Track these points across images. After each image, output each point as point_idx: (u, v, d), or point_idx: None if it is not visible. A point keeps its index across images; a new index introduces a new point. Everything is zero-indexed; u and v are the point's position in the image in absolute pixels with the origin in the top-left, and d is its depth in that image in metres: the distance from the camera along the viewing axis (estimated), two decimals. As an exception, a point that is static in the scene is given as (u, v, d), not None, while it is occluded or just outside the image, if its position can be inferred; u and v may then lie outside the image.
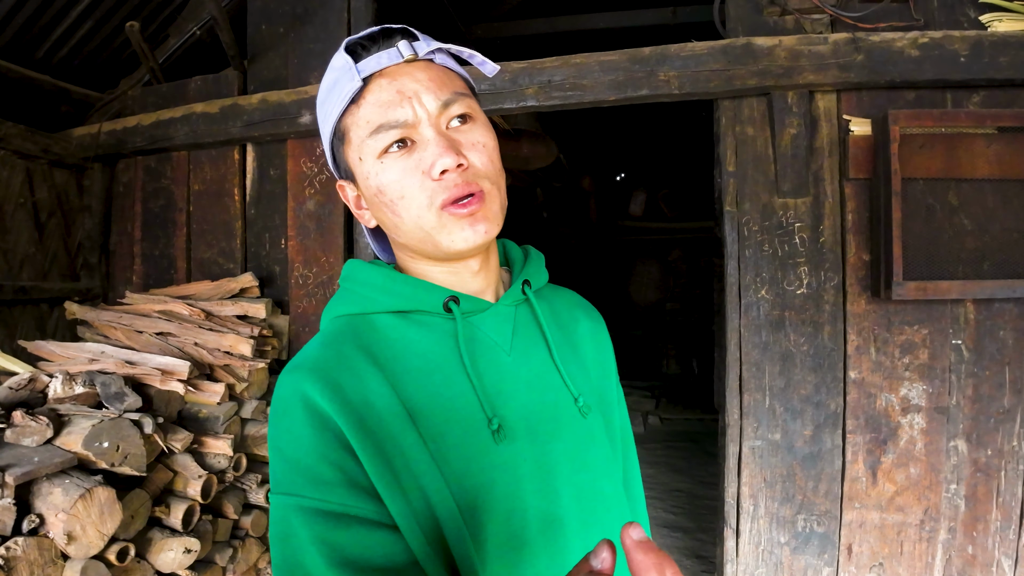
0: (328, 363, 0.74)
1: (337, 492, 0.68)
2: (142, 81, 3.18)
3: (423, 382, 0.76)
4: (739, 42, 2.44)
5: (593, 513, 0.83)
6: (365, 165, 0.77)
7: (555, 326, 0.91)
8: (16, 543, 1.88)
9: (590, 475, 0.84)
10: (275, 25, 2.98)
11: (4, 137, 2.59)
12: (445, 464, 0.73)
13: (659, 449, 5.90)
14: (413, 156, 0.74)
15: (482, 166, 0.76)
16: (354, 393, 0.72)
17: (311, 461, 0.69)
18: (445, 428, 0.75)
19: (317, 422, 0.70)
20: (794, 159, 2.48)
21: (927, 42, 2.32)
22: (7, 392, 2.32)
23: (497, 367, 0.81)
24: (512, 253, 0.97)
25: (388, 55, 0.76)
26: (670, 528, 4.10)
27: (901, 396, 2.46)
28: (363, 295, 0.83)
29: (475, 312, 0.83)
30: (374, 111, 0.75)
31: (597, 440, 0.87)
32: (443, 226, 0.75)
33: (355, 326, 0.81)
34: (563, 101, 2.58)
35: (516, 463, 0.77)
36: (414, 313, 0.81)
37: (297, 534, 0.68)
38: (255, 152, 3.00)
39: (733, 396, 2.59)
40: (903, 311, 2.46)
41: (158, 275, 3.13)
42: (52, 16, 2.68)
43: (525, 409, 0.80)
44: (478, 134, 0.77)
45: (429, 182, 0.74)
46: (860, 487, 2.49)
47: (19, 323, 2.82)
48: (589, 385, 0.90)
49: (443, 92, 0.75)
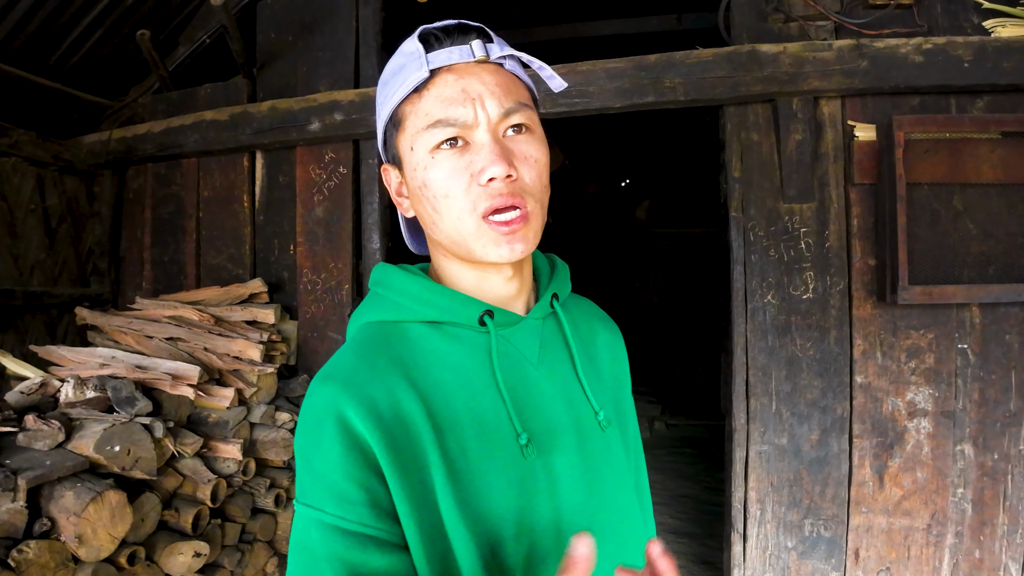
0: (362, 375, 0.74)
1: (358, 512, 0.69)
2: (152, 88, 3.21)
3: (454, 395, 0.77)
4: (744, 49, 2.46)
5: (610, 525, 0.83)
6: (416, 156, 0.77)
7: (578, 339, 0.91)
8: (28, 546, 1.90)
9: (608, 488, 0.84)
10: (284, 33, 3.01)
11: (15, 144, 2.62)
12: (469, 481, 0.73)
13: (665, 455, 5.89)
14: (465, 157, 0.74)
15: (530, 181, 0.76)
16: (387, 409, 0.72)
17: (337, 478, 0.70)
18: (473, 443, 0.75)
19: (348, 440, 0.70)
20: (799, 165, 2.50)
21: (931, 48, 2.34)
22: (19, 397, 2.34)
23: (525, 381, 0.81)
24: (537, 261, 0.96)
25: (460, 52, 0.75)
26: (677, 534, 4.09)
27: (907, 400, 2.47)
28: (397, 303, 0.83)
29: (507, 325, 0.83)
30: (435, 105, 0.74)
31: (615, 453, 0.88)
32: (481, 235, 0.75)
33: (387, 334, 0.81)
34: (569, 108, 2.61)
35: (542, 477, 0.77)
36: (447, 324, 0.81)
37: (314, 548, 0.70)
38: (264, 159, 3.03)
39: (739, 401, 2.60)
40: (909, 315, 2.46)
41: (168, 281, 3.15)
42: (63, 23, 2.71)
43: (551, 423, 0.81)
44: (533, 148, 0.77)
45: (476, 187, 0.73)
46: (867, 491, 2.49)
47: (30, 328, 2.84)
48: (607, 398, 0.91)
49: (507, 99, 0.75)
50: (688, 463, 5.55)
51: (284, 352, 2.88)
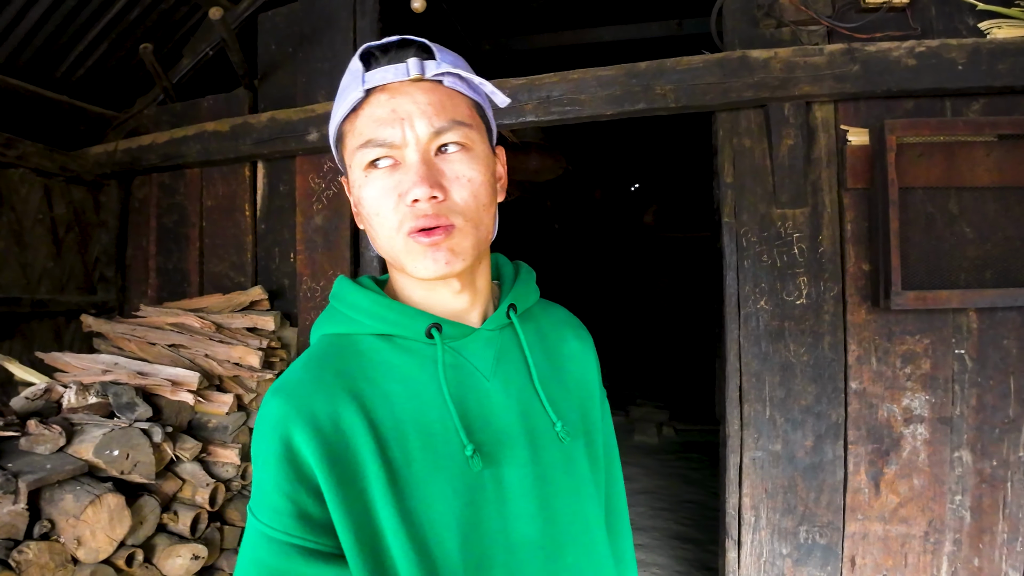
0: (306, 388, 0.77)
1: (284, 521, 0.72)
2: (157, 100, 3.29)
3: (402, 407, 0.78)
4: (735, 55, 2.46)
5: (570, 535, 0.84)
6: (353, 174, 0.79)
7: (540, 349, 0.92)
8: (28, 547, 1.95)
9: (568, 499, 0.85)
10: (284, 45, 3.07)
11: (22, 155, 2.70)
12: (413, 491, 0.75)
13: (673, 460, 5.86)
14: (394, 177, 0.75)
15: (461, 200, 0.76)
16: (327, 421, 0.74)
17: (268, 488, 0.74)
18: (419, 453, 0.77)
19: (283, 452, 0.73)
20: (791, 170, 2.49)
21: (924, 51, 2.32)
22: (24, 402, 2.41)
23: (476, 392, 0.82)
24: (503, 270, 0.97)
25: (395, 71, 0.75)
26: (681, 540, 4.07)
27: (903, 406, 2.44)
28: (350, 316, 0.85)
29: (457, 338, 0.84)
30: (367, 124, 0.75)
31: (577, 464, 0.88)
32: (408, 252, 0.76)
33: (340, 347, 0.83)
34: (561, 116, 2.62)
35: (491, 487, 0.79)
36: (398, 337, 0.83)
37: (246, 551, 0.74)
38: (265, 168, 3.08)
39: (733, 407, 2.60)
40: (904, 321, 2.44)
41: (172, 288, 3.22)
42: (69, 37, 2.79)
43: (502, 434, 0.82)
44: (466, 167, 0.77)
45: (403, 206, 0.74)
46: (863, 498, 2.47)
47: (37, 335, 2.91)
48: (571, 408, 0.91)
49: (439, 119, 0.75)
50: (695, 468, 5.53)
51: (284, 358, 2.92)
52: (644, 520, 4.43)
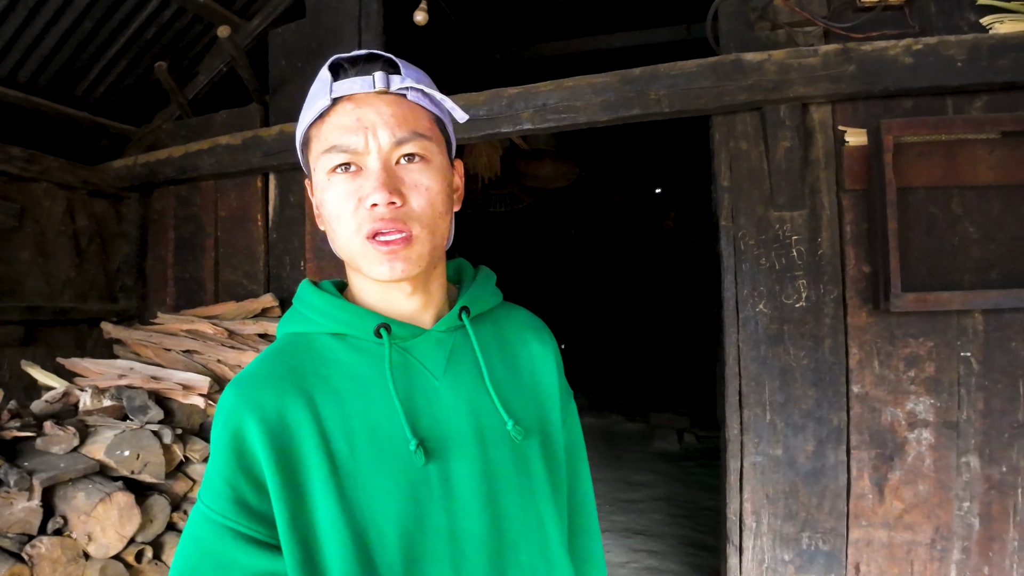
0: (256, 382, 0.82)
1: (221, 505, 0.77)
2: (174, 116, 3.42)
3: (350, 403, 0.82)
4: (728, 58, 2.46)
5: (521, 533, 0.86)
6: (316, 176, 0.83)
7: (496, 350, 0.94)
8: (41, 542, 2.05)
9: (519, 497, 0.87)
10: (293, 60, 3.16)
11: (45, 170, 2.84)
12: (355, 483, 0.79)
13: (693, 467, 5.80)
14: (355, 182, 0.79)
15: (418, 208, 0.79)
16: (273, 412, 0.79)
17: (213, 473, 0.79)
18: (364, 448, 0.80)
19: (231, 442, 0.78)
20: (788, 172, 2.47)
21: (921, 49, 2.29)
22: (43, 405, 2.53)
23: (425, 392, 0.85)
24: (463, 274, 1.00)
25: (362, 82, 0.79)
26: (696, 547, 4.03)
27: (907, 411, 2.40)
28: (307, 316, 0.89)
29: (407, 338, 0.87)
30: (332, 131, 0.79)
31: (531, 464, 0.90)
32: (366, 255, 0.79)
33: (296, 344, 0.88)
34: (557, 123, 2.65)
35: (436, 483, 0.82)
36: (350, 337, 0.87)
37: (187, 529, 0.79)
38: (276, 180, 3.18)
39: (733, 411, 2.58)
40: (906, 323, 2.40)
41: (189, 296, 3.34)
42: (89, 56, 2.94)
43: (450, 431, 0.84)
44: (425, 176, 0.80)
45: (363, 210, 0.78)
46: (866, 504, 2.43)
47: (60, 342, 3.05)
48: (527, 409, 0.93)
49: (401, 129, 0.79)
50: (715, 475, 5.39)
51: (293, 363, 2.99)
52: (661, 527, 4.40)
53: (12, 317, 2.85)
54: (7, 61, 2.76)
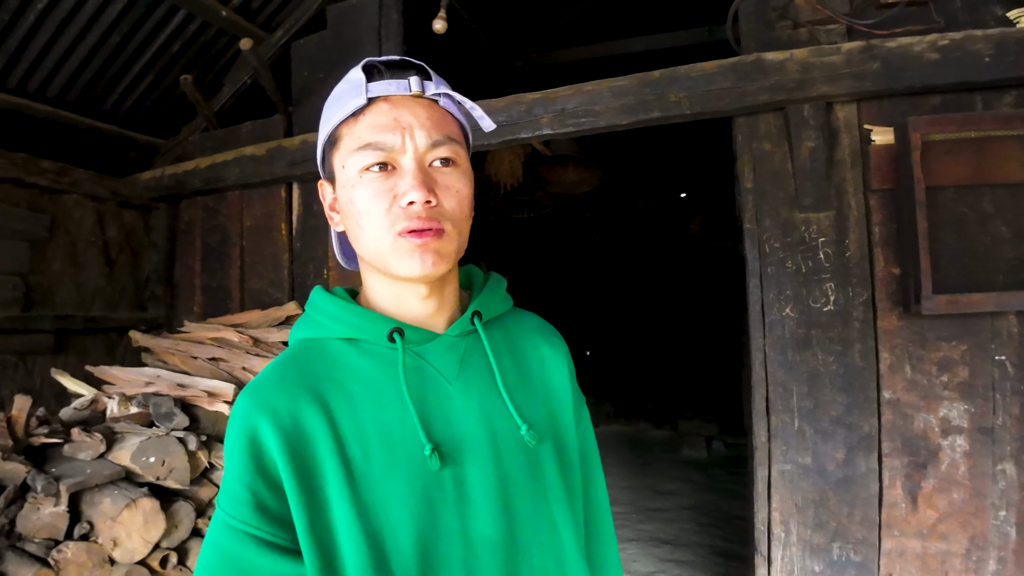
0: (270, 387, 0.82)
1: (242, 511, 0.77)
2: (201, 128, 3.48)
3: (363, 408, 0.82)
4: (749, 58, 2.43)
5: (535, 538, 0.85)
6: (346, 174, 0.82)
7: (508, 355, 0.94)
8: (67, 547, 2.08)
9: (533, 501, 0.86)
10: (315, 71, 3.21)
11: (75, 182, 2.92)
12: (369, 488, 0.79)
13: (722, 475, 5.70)
14: (389, 180, 0.79)
15: (450, 208, 0.81)
16: (287, 417, 0.79)
17: (231, 479, 0.79)
18: (378, 452, 0.80)
19: (247, 445, 0.78)
20: (813, 173, 2.42)
21: (947, 44, 2.24)
22: (72, 412, 2.57)
23: (437, 395, 0.84)
24: (474, 279, 1.00)
25: (398, 85, 0.81)
26: (725, 557, 3.95)
27: (940, 417, 2.33)
28: (319, 321, 0.90)
29: (420, 342, 0.86)
30: (367, 130, 0.80)
31: (545, 468, 0.89)
32: (396, 250, 0.79)
33: (309, 350, 0.88)
34: (577, 128, 2.64)
35: (447, 487, 0.81)
36: (363, 341, 0.87)
37: (208, 536, 0.79)
38: (299, 189, 3.22)
39: (760, 418, 2.52)
40: (938, 326, 2.33)
41: (215, 304, 3.39)
42: (116, 71, 3.01)
43: (463, 436, 0.84)
44: (455, 179, 0.82)
45: (396, 208, 0.78)
46: (899, 513, 2.35)
47: (90, 350, 3.12)
48: (540, 414, 0.92)
49: (436, 132, 0.80)
50: (745, 483, 5.32)
51: (316, 370, 3.01)
52: (689, 536, 4.32)
53: (44, 326, 2.92)
54: (37, 76, 2.85)
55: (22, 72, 2.81)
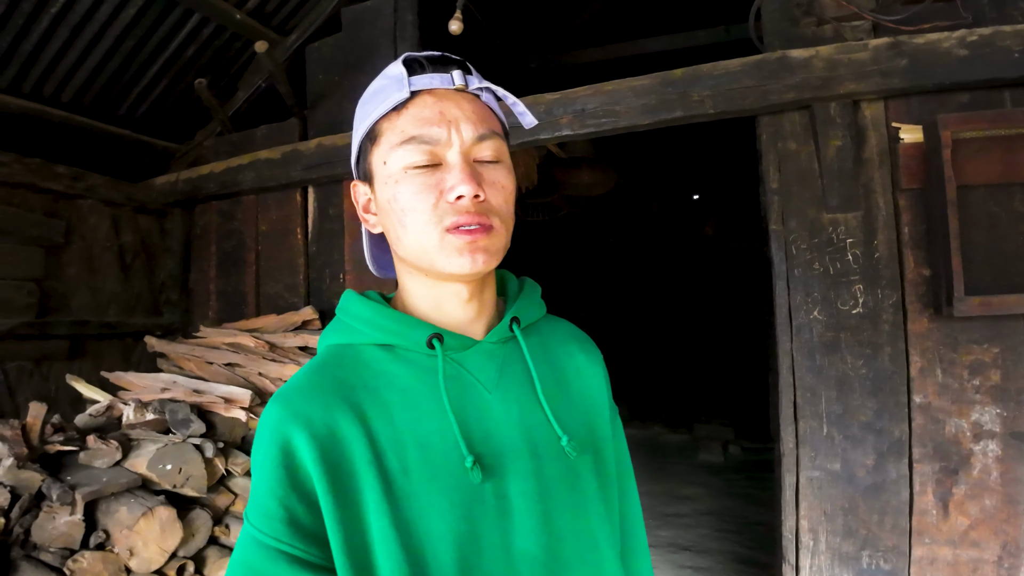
0: (303, 395, 0.78)
1: (274, 527, 0.72)
2: (216, 132, 3.47)
3: (401, 417, 0.78)
4: (773, 56, 2.38)
5: (576, 553, 0.82)
6: (388, 170, 0.79)
7: (545, 363, 0.90)
8: (83, 556, 2.05)
9: (573, 515, 0.83)
10: (331, 74, 3.18)
11: (91, 187, 2.90)
12: (408, 501, 0.75)
13: (739, 480, 5.63)
14: (435, 175, 0.77)
15: (496, 204, 0.78)
16: (322, 427, 0.75)
17: (262, 492, 0.74)
18: (417, 464, 0.76)
19: (279, 458, 0.74)
20: (841, 172, 2.38)
21: (975, 40, 2.19)
22: (87, 419, 2.55)
23: (477, 404, 0.81)
24: (509, 285, 0.97)
25: (441, 79, 0.79)
26: (746, 564, 3.89)
27: (972, 421, 2.27)
28: (352, 327, 0.86)
29: (459, 349, 0.83)
30: (412, 123, 0.77)
31: (584, 481, 0.86)
32: (444, 247, 0.76)
33: (342, 356, 0.84)
34: (597, 129, 2.60)
35: (491, 501, 0.77)
36: (399, 347, 0.83)
37: (237, 554, 0.74)
38: (315, 193, 3.20)
39: (787, 423, 2.47)
40: (970, 329, 2.28)
41: (231, 310, 3.36)
42: (131, 75, 3.00)
43: (503, 447, 0.80)
44: (501, 175, 0.80)
45: (444, 203, 0.76)
46: (930, 520, 2.30)
47: (106, 355, 3.10)
48: (578, 424, 0.89)
49: (481, 127, 0.78)
50: (763, 488, 5.27)
51: (333, 376, 2.99)
52: (708, 542, 4.26)
53: (59, 332, 2.90)
54: (51, 80, 2.84)
55: (37, 77, 2.80)
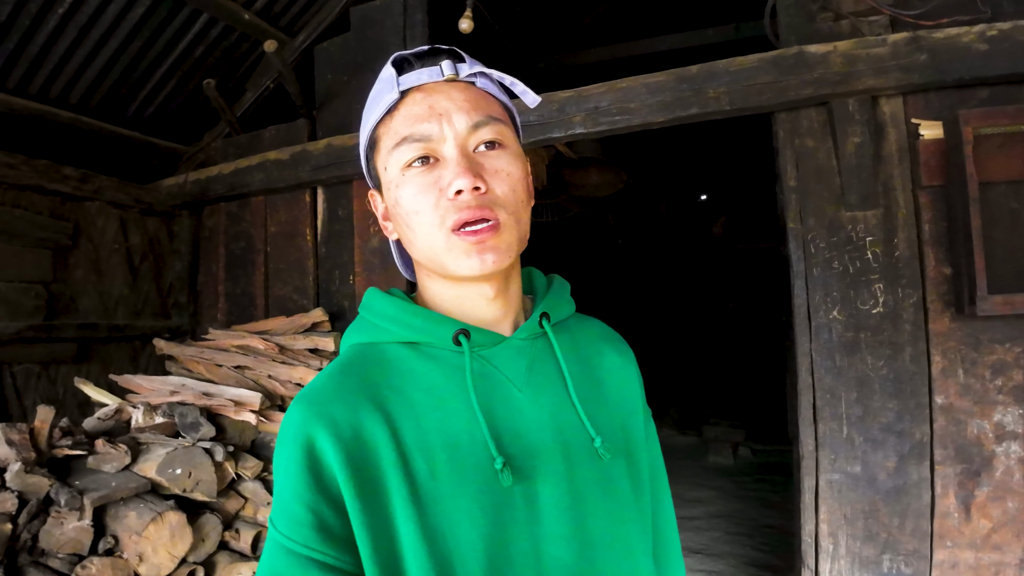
0: (327, 396, 0.75)
1: (303, 533, 0.69)
2: (224, 133, 3.44)
3: (427, 417, 0.75)
4: (790, 52, 2.35)
5: (609, 561, 0.78)
6: (389, 175, 0.77)
7: (575, 361, 0.86)
8: (92, 562, 2.02)
9: (607, 521, 0.79)
10: (339, 74, 3.16)
11: (99, 189, 2.88)
12: (436, 505, 0.71)
13: (750, 482, 5.57)
14: (433, 173, 0.74)
15: (502, 194, 0.75)
16: (348, 429, 0.72)
17: (288, 497, 0.71)
18: (444, 466, 0.73)
19: (305, 461, 0.71)
20: (859, 169, 2.34)
21: (995, 35, 2.15)
22: (95, 422, 2.52)
23: (507, 404, 0.78)
24: (536, 282, 0.93)
25: (429, 72, 0.76)
26: (758, 567, 3.85)
27: (995, 422, 2.22)
28: (376, 325, 0.83)
29: (487, 346, 0.80)
30: (403, 123, 0.75)
31: (618, 485, 0.82)
32: (451, 249, 0.73)
33: (366, 355, 0.81)
34: (611, 127, 2.57)
35: (521, 505, 0.74)
36: (424, 345, 0.80)
37: (265, 563, 0.71)
38: (324, 194, 3.17)
39: (807, 425, 2.43)
40: (992, 328, 2.23)
41: (240, 312, 3.33)
42: (138, 77, 2.98)
43: (534, 448, 0.77)
44: (504, 162, 0.76)
45: (444, 201, 0.72)
46: (952, 523, 2.25)
47: (114, 358, 3.08)
48: (612, 425, 0.85)
49: (475, 114, 0.75)
50: (774, 491, 5.23)
51: (343, 378, 2.96)
52: (720, 546, 4.21)
53: (67, 334, 2.88)
54: (59, 82, 2.82)
55: (44, 78, 2.78)
